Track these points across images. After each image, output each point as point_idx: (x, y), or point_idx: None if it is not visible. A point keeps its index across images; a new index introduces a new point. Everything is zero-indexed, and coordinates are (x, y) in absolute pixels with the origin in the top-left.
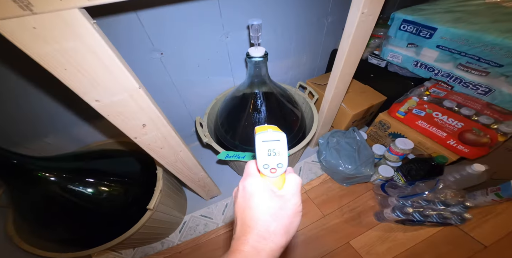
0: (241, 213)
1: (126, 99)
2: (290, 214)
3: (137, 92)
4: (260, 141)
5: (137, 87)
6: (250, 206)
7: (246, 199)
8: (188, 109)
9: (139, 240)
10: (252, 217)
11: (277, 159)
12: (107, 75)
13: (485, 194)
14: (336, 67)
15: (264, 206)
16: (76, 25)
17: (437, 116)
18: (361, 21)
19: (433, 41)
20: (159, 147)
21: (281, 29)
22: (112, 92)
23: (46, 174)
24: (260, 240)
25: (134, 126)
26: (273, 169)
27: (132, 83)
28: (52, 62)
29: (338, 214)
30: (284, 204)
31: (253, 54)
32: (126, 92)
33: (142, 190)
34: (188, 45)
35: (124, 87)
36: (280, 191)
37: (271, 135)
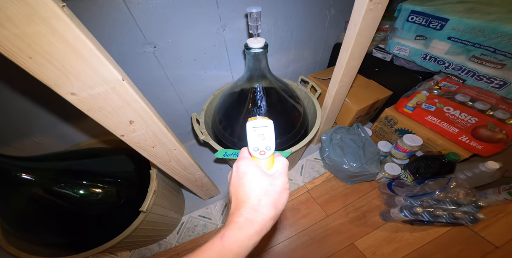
0: (235, 190)
1: (108, 92)
2: (278, 190)
3: (120, 84)
4: (251, 127)
5: (120, 79)
6: (243, 183)
7: (239, 177)
8: (184, 106)
9: (135, 243)
10: (245, 193)
11: (265, 142)
12: (82, 65)
13: (497, 193)
14: (341, 60)
15: (255, 183)
16: (40, 7)
17: (449, 111)
18: (369, 10)
19: (444, 32)
20: (149, 145)
21: (281, 22)
22: (90, 84)
23: (25, 175)
24: (253, 212)
25: (119, 123)
26: (262, 152)
27: (114, 75)
28: (12, 49)
29: (342, 214)
30: (273, 181)
31: (252, 45)
32: (107, 85)
33: (136, 191)
34: (183, 38)
35: (104, 78)
36: (269, 171)
37: (260, 122)
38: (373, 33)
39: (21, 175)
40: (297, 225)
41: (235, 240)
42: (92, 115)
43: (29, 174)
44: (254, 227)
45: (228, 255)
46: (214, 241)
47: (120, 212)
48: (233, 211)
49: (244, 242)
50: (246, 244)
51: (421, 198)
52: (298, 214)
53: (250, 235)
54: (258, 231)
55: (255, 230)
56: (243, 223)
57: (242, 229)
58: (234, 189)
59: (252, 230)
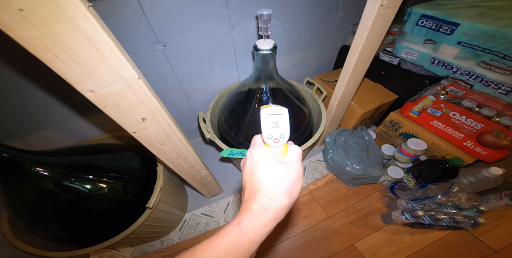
0: (249, 178)
1: (124, 90)
2: (292, 179)
3: (136, 82)
4: (265, 114)
5: (136, 78)
6: (257, 170)
7: (253, 164)
8: (190, 104)
9: (138, 239)
10: (259, 180)
11: (279, 130)
12: (103, 63)
13: (498, 198)
14: (349, 63)
15: (269, 171)
16: (68, 6)
17: (454, 117)
18: (380, 14)
19: (454, 37)
20: (159, 142)
21: (289, 23)
22: (109, 82)
23: (38, 169)
24: (267, 199)
25: (132, 120)
26: (276, 139)
27: (131, 73)
28: (41, 47)
29: (344, 215)
30: (287, 170)
31: (261, 46)
32: (124, 83)
33: (142, 187)
34: (193, 38)
35: (122, 77)
36: (283, 159)
37: (274, 109)
38: (382, 37)
39: (35, 169)
40: (299, 225)
41: (251, 227)
42: (108, 112)
43: (42, 168)
44: (268, 214)
45: (244, 240)
46: (232, 226)
47: (126, 207)
48: (247, 198)
49: (260, 229)
50: (261, 231)
51: (423, 201)
52: (300, 214)
53: (266, 222)
54: (273, 219)
55: (270, 218)
56: (258, 211)
57: (257, 217)
58: (248, 176)
59: (267, 217)
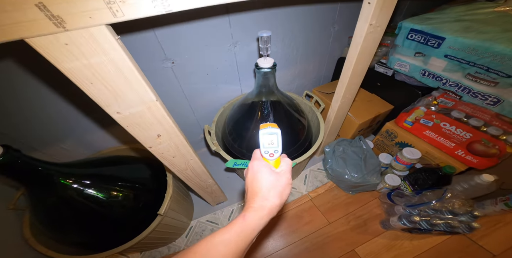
0: (250, 184)
1: (144, 111)
2: (283, 185)
3: (154, 104)
4: (262, 134)
5: (154, 100)
6: (256, 178)
7: (253, 174)
8: (196, 117)
9: (148, 245)
10: (257, 186)
11: (274, 147)
12: (128, 89)
13: (494, 204)
14: (344, 77)
15: (265, 179)
16: (103, 40)
17: (445, 127)
18: (369, 32)
19: (441, 50)
20: (171, 155)
21: (288, 39)
22: (132, 104)
23: (66, 180)
24: (264, 200)
25: (149, 137)
26: (271, 154)
27: (150, 96)
28: (80, 76)
29: (344, 222)
30: (279, 178)
31: (262, 65)
32: (144, 105)
33: (152, 196)
34: (198, 54)
35: (143, 100)
36: (277, 170)
37: (270, 130)
38: (373, 52)
39: (63, 180)
40: (300, 231)
41: (252, 219)
42: (130, 130)
43: (68, 179)
44: (265, 210)
45: (247, 229)
46: (238, 219)
47: (138, 215)
48: (249, 199)
49: (259, 221)
50: (259, 223)
51: (419, 207)
52: (301, 221)
53: (262, 216)
54: (268, 214)
55: (266, 213)
56: (258, 208)
57: (257, 212)
58: (249, 182)
59: (264, 213)
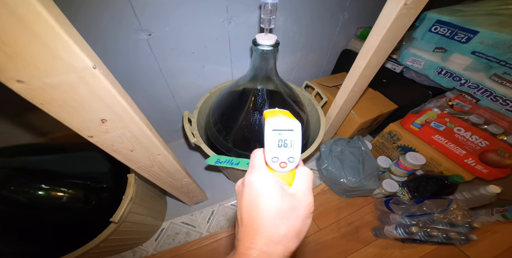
0: (246, 213)
1: (72, 83)
2: (302, 216)
3: (90, 74)
4: (270, 129)
5: (90, 67)
6: (257, 205)
7: (253, 196)
8: (176, 102)
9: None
10: (259, 219)
11: (288, 151)
12: (36, 46)
13: (489, 214)
14: (355, 68)
15: (273, 207)
16: None
17: (459, 132)
18: (401, 14)
19: (469, 46)
20: (127, 148)
21: (291, 21)
22: (48, 71)
23: None
24: (270, 244)
25: (87, 121)
26: (283, 163)
27: (82, 61)
28: None
29: (335, 228)
30: (296, 204)
31: (261, 41)
32: (73, 73)
33: (110, 195)
34: (183, 28)
35: (69, 65)
36: (290, 189)
37: (284, 123)
38: (397, 41)
39: None
40: None
41: None
42: (49, 110)
43: None
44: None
45: None
46: None
47: (89, 219)
48: (243, 237)
49: None
50: None
51: (419, 218)
52: None
53: None
54: None
55: None
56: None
57: None
58: (245, 210)
59: None
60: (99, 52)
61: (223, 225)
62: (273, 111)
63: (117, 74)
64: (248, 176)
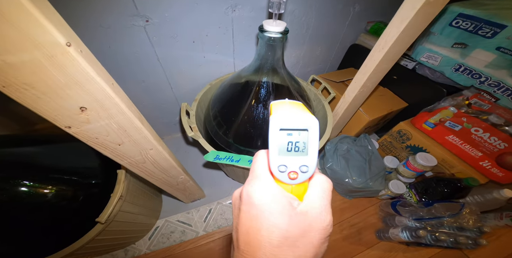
0: (244, 235)
1: (39, 62)
2: (315, 243)
3: (63, 52)
4: (277, 128)
5: (62, 44)
6: (258, 228)
7: (252, 216)
8: (174, 93)
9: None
10: (261, 246)
11: (301, 158)
12: None
13: (498, 218)
14: (370, 61)
15: (278, 232)
16: None
17: (476, 133)
18: (428, 3)
19: (494, 41)
20: (114, 142)
21: (300, 11)
22: (5, 46)
23: None
24: None
25: (62, 109)
26: (293, 173)
27: (51, 36)
28: None
29: (337, 230)
30: (308, 227)
31: (269, 28)
32: (39, 51)
33: (99, 192)
34: (183, 15)
35: (35, 41)
36: (301, 205)
37: (296, 120)
38: (419, 33)
39: None
40: None
41: None
42: (14, 95)
43: None
44: None
45: None
46: None
47: (75, 218)
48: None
49: None
50: None
51: (428, 221)
52: None
53: None
54: None
55: None
56: None
57: None
58: (242, 231)
59: None
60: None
61: (221, 225)
62: (282, 102)
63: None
64: (246, 187)
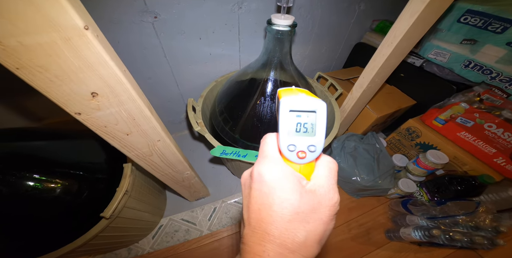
0: (255, 212)
1: (56, 45)
2: (324, 219)
3: (80, 35)
4: (287, 109)
5: (81, 27)
6: (270, 204)
7: (263, 193)
8: (180, 90)
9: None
10: (273, 221)
11: (309, 138)
12: None
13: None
14: (379, 56)
15: (290, 207)
16: None
17: (490, 129)
18: None
19: (504, 36)
20: (122, 131)
21: (305, 10)
22: (23, 27)
23: None
24: (285, 253)
25: (74, 94)
26: (301, 152)
27: (69, 18)
28: None
29: (345, 230)
30: (317, 204)
31: (278, 21)
32: (57, 33)
33: (105, 187)
34: (191, 12)
35: (53, 23)
36: (309, 184)
37: (305, 102)
38: (428, 28)
39: None
40: None
41: None
42: (26, 78)
43: None
44: None
45: None
46: None
47: (80, 213)
48: (251, 242)
49: None
50: None
51: (442, 220)
52: None
53: None
54: None
55: None
56: None
57: None
58: (254, 209)
59: None
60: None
61: (226, 223)
62: (290, 89)
63: None
64: (257, 167)
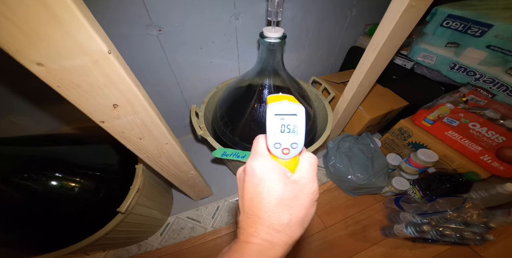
0: (248, 200)
1: (87, 66)
2: (305, 204)
3: (105, 58)
4: (272, 113)
5: (105, 51)
6: (259, 192)
7: (254, 184)
8: (184, 97)
9: (110, 244)
10: (262, 207)
11: (291, 137)
12: (55, 29)
13: (506, 214)
14: (365, 61)
15: (276, 194)
16: None
17: (474, 128)
18: (411, 7)
19: (483, 40)
20: (137, 136)
21: (299, 17)
22: (65, 54)
23: None
24: (273, 232)
25: (99, 106)
26: (285, 149)
27: (98, 45)
28: None
29: (342, 227)
30: (299, 192)
31: (269, 34)
32: (87, 57)
33: (118, 186)
34: (192, 24)
35: (84, 49)
36: (293, 175)
37: (287, 107)
38: (407, 34)
39: None
40: None
41: None
42: (64, 93)
43: None
44: (275, 251)
45: None
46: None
47: (97, 209)
48: (245, 226)
49: None
50: None
51: (431, 216)
52: None
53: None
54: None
55: (276, 255)
56: (262, 246)
57: (261, 254)
58: (247, 198)
59: (273, 255)
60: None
61: (228, 221)
62: (276, 96)
63: None
64: (249, 162)
